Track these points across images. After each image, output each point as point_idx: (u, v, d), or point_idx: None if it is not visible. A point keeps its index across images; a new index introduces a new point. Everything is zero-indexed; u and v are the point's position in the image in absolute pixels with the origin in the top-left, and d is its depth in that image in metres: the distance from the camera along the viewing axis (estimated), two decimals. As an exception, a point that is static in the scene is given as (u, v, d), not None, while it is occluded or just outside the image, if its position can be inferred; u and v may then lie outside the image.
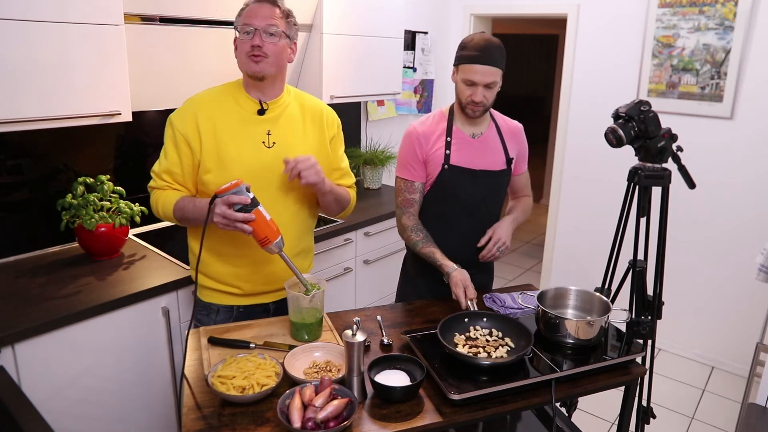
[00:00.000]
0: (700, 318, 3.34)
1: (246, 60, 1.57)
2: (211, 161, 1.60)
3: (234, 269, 1.70)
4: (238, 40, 1.58)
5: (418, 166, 1.87)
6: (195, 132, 1.60)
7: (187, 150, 1.61)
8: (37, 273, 2.03)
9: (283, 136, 1.67)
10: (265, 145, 1.65)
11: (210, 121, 1.61)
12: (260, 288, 1.75)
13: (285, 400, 1.24)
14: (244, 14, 1.58)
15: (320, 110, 1.78)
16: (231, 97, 1.65)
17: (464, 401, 1.32)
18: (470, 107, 1.78)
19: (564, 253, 3.89)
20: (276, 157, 1.64)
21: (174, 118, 1.63)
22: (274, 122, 1.67)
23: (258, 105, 1.65)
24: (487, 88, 1.75)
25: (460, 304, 1.68)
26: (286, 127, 1.69)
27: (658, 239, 1.88)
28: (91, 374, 1.86)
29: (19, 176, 2.14)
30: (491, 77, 1.73)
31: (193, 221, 1.62)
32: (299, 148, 1.69)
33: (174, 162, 1.63)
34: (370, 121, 3.67)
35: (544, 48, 9.22)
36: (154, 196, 1.69)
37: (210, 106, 1.63)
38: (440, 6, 3.98)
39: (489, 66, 1.72)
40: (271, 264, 1.72)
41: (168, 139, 1.64)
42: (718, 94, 3.05)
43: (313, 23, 2.75)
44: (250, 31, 1.55)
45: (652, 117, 1.72)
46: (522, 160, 2.01)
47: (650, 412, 2.00)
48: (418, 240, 1.86)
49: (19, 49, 1.71)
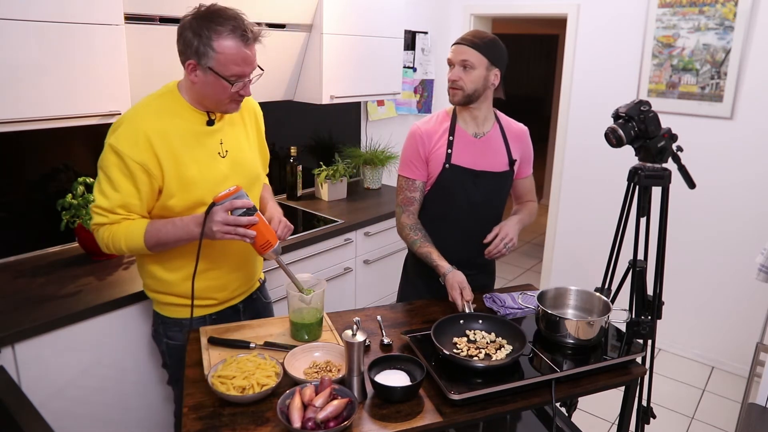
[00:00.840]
0: (700, 318, 3.34)
1: (228, 103, 1.50)
2: (174, 185, 1.49)
3: (211, 282, 1.65)
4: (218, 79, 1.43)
5: (420, 165, 1.87)
6: (152, 157, 1.45)
7: (144, 178, 1.45)
8: (37, 273, 2.03)
9: (232, 142, 1.62)
10: (221, 155, 1.58)
11: (165, 143, 1.47)
12: (234, 293, 1.74)
13: (285, 400, 1.24)
14: (232, 59, 1.42)
15: (252, 106, 1.74)
16: (177, 112, 1.52)
17: (464, 401, 1.32)
18: (450, 90, 1.81)
19: (564, 253, 3.89)
20: (232, 166, 1.60)
21: (120, 145, 1.43)
22: (222, 130, 1.59)
23: (206, 116, 1.55)
24: (464, 69, 1.76)
25: (456, 305, 1.69)
26: (233, 132, 1.63)
27: (658, 239, 1.88)
28: (91, 374, 1.86)
29: (19, 176, 2.14)
30: (464, 55, 1.75)
31: (173, 243, 1.49)
32: (247, 151, 1.67)
33: (130, 193, 1.46)
34: (370, 121, 3.67)
35: (544, 48, 9.21)
36: (108, 232, 1.50)
37: (158, 125, 1.48)
38: (440, 6, 3.98)
39: (464, 46, 1.75)
40: (241, 269, 1.71)
41: (115, 170, 1.45)
42: (718, 94, 3.05)
43: (313, 23, 2.75)
44: (243, 82, 1.47)
45: (652, 117, 1.72)
46: (526, 163, 2.00)
47: (650, 412, 2.00)
48: (416, 239, 1.86)
49: (19, 49, 1.71)
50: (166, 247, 1.52)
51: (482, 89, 1.79)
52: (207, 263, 1.61)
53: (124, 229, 1.49)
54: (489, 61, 1.76)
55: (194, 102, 1.53)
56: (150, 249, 1.50)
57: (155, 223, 1.50)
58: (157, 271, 1.62)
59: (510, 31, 7.20)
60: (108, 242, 1.52)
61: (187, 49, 1.43)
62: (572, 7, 3.50)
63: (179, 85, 1.55)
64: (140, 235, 1.48)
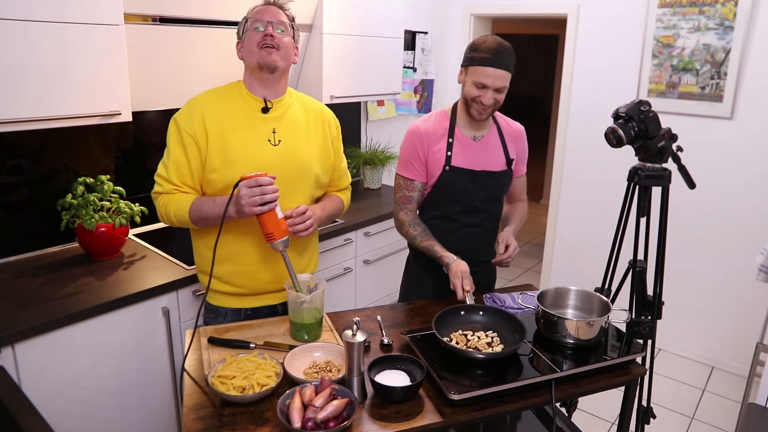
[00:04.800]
0: (700, 318, 3.34)
1: (258, 51, 1.58)
2: (217, 159, 1.60)
3: (239, 268, 1.70)
4: (248, 34, 1.60)
5: (419, 165, 1.87)
6: (202, 130, 1.59)
7: (194, 149, 1.60)
8: (37, 273, 2.03)
9: (288, 134, 1.69)
10: (271, 143, 1.66)
11: (216, 119, 1.61)
12: (266, 287, 1.75)
13: (285, 400, 1.24)
14: (253, 13, 1.62)
15: (322, 112, 1.81)
16: (235, 96, 1.65)
17: (464, 401, 1.32)
18: (477, 109, 1.78)
19: (564, 253, 3.89)
20: (282, 155, 1.66)
21: (179, 117, 1.62)
22: (278, 121, 1.68)
23: (262, 103, 1.66)
24: (497, 91, 1.74)
25: (457, 294, 1.68)
26: (291, 126, 1.70)
27: (658, 239, 1.88)
28: (91, 374, 1.86)
29: (19, 176, 2.14)
30: (502, 81, 1.73)
31: (212, 219, 1.59)
32: (304, 148, 1.71)
33: (182, 162, 1.61)
34: (370, 121, 3.67)
35: (544, 48, 9.22)
36: (162, 201, 1.65)
37: (215, 104, 1.63)
38: (440, 6, 3.98)
39: (502, 70, 1.71)
40: (276, 263, 1.72)
41: (173, 140, 1.62)
42: (718, 94, 3.05)
43: (313, 23, 2.75)
44: (262, 24, 1.58)
45: (652, 117, 1.72)
46: (521, 162, 2.00)
47: (650, 412, 2.00)
48: (417, 234, 1.86)
49: (19, 49, 1.71)
50: (206, 222, 1.61)
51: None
52: (237, 246, 1.69)
53: (175, 199, 1.63)
54: (511, 74, 1.76)
55: (251, 88, 1.66)
56: (194, 223, 1.62)
57: (201, 198, 1.63)
58: (203, 250, 1.73)
59: (510, 31, 7.20)
60: (162, 210, 1.66)
61: (238, 31, 1.66)
62: (572, 7, 3.50)
63: (244, 79, 1.69)
64: (186, 207, 1.60)
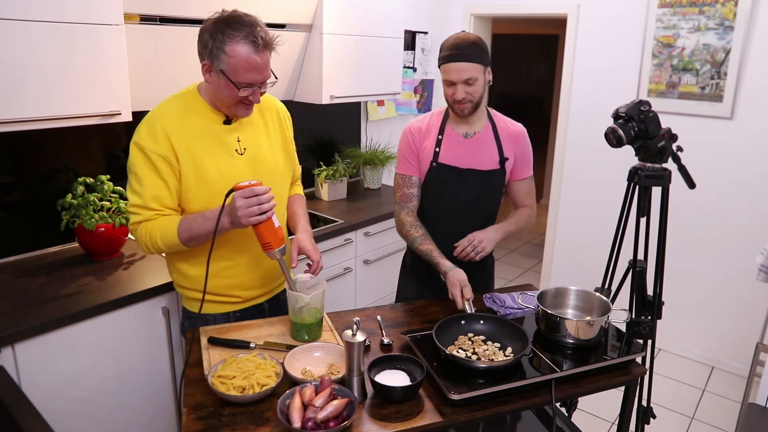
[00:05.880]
0: (700, 318, 3.34)
1: (236, 107, 1.53)
2: (191, 179, 1.54)
3: (230, 281, 1.68)
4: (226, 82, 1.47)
5: (414, 161, 1.89)
6: (170, 150, 1.51)
7: (167, 169, 1.51)
8: (37, 273, 2.03)
9: (251, 141, 1.65)
10: (238, 152, 1.61)
11: (183, 138, 1.53)
12: (256, 292, 1.75)
13: (285, 400, 1.24)
14: (242, 64, 1.44)
15: (275, 107, 1.77)
16: (196, 110, 1.57)
17: (464, 401, 1.32)
18: (456, 106, 1.79)
19: (564, 253, 3.89)
20: (249, 163, 1.63)
21: (142, 141, 1.50)
22: (240, 129, 1.63)
23: (223, 116, 1.60)
24: (468, 84, 1.74)
25: (456, 303, 1.68)
26: (252, 131, 1.66)
27: (658, 239, 1.88)
28: (91, 374, 1.86)
29: (19, 176, 2.14)
30: (467, 73, 1.72)
31: (204, 236, 1.51)
32: (267, 151, 1.68)
33: (158, 186, 1.52)
34: (370, 121, 3.67)
35: (544, 48, 9.21)
36: (145, 230, 1.53)
37: (176, 121, 1.53)
38: (440, 6, 3.98)
39: (462, 62, 1.71)
40: (263, 266, 1.71)
41: (141, 166, 1.51)
42: (718, 94, 3.05)
43: (313, 23, 2.75)
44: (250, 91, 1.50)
45: (652, 117, 1.72)
46: (523, 165, 1.95)
47: (650, 412, 2.00)
48: (417, 236, 1.86)
49: (19, 49, 1.71)
50: (198, 240, 1.53)
51: (483, 92, 1.80)
52: (224, 261, 1.64)
53: (159, 225, 1.52)
54: (483, 65, 1.75)
55: (212, 102, 1.58)
56: (185, 243, 1.53)
57: (187, 217, 1.54)
58: (182, 267, 1.66)
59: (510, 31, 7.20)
60: (146, 240, 1.54)
61: (204, 50, 1.48)
62: (572, 7, 3.50)
63: (199, 87, 1.60)
64: (173, 229, 1.51)
